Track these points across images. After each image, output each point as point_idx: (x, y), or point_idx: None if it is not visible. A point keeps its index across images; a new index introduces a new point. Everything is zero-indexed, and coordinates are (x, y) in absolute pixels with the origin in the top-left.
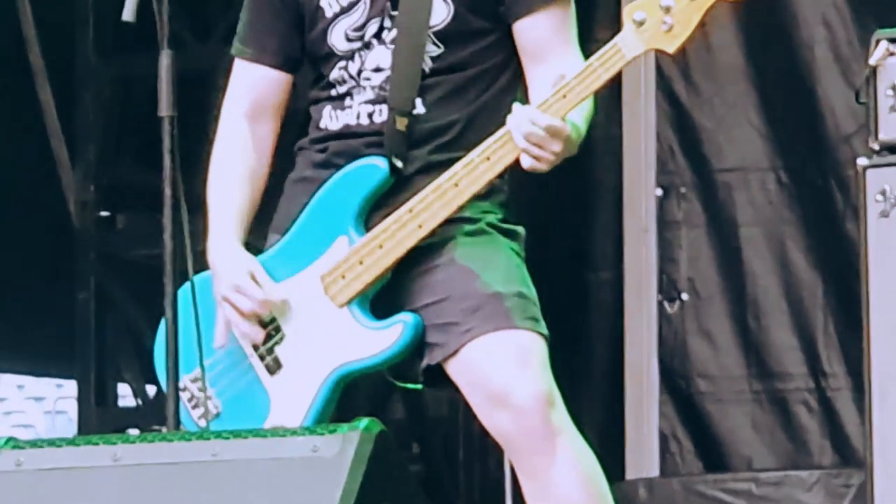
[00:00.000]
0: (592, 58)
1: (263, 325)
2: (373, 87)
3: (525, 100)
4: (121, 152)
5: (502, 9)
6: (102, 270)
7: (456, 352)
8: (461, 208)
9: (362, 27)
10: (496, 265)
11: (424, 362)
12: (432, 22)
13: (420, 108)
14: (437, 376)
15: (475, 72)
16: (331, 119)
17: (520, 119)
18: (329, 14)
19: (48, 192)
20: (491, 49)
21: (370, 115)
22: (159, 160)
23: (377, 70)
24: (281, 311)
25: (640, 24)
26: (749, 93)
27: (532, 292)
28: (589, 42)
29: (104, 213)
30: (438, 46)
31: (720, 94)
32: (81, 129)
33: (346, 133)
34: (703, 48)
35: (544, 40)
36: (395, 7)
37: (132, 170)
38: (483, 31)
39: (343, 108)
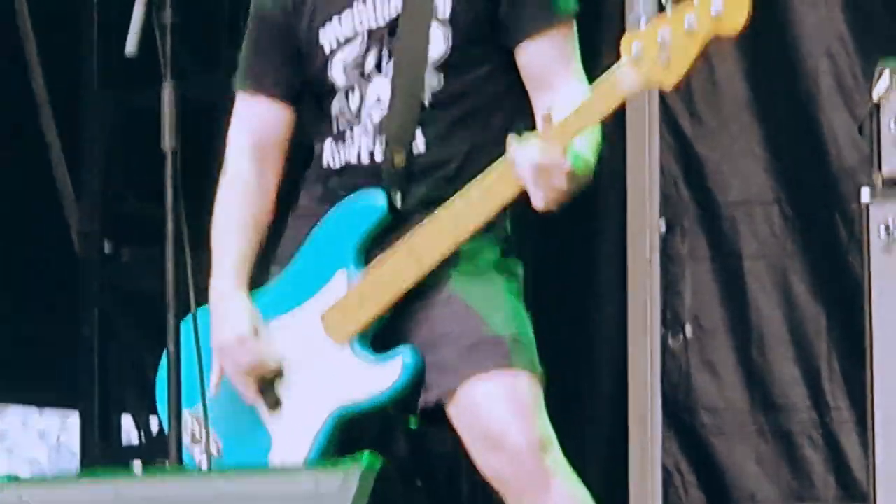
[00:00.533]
0: (589, 92)
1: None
2: (372, 121)
3: (533, 127)
4: (125, 184)
5: (502, 35)
6: (106, 302)
7: (452, 392)
8: (460, 244)
9: (361, 59)
10: (493, 305)
11: (420, 403)
12: (431, 53)
13: (420, 142)
14: (436, 415)
15: (477, 101)
16: (332, 154)
17: (520, 159)
18: (328, 50)
19: (52, 223)
20: (492, 77)
21: (371, 151)
22: (164, 192)
23: (377, 102)
24: (280, 347)
25: (638, 58)
26: (753, 125)
27: (529, 332)
28: (595, 68)
29: (108, 245)
30: (438, 77)
31: (724, 127)
32: (86, 161)
33: (347, 167)
34: (707, 80)
35: (547, 66)
36: (392, 38)
37: (136, 201)
38: (483, 59)
39: (344, 143)
